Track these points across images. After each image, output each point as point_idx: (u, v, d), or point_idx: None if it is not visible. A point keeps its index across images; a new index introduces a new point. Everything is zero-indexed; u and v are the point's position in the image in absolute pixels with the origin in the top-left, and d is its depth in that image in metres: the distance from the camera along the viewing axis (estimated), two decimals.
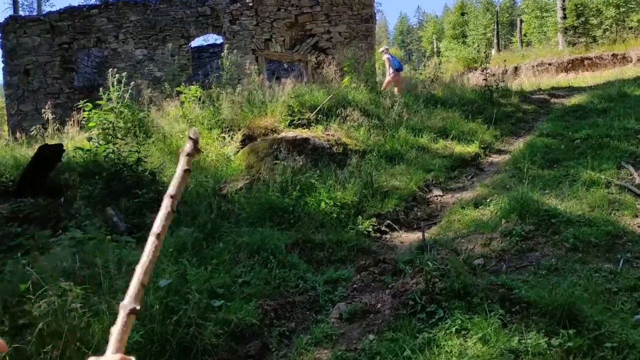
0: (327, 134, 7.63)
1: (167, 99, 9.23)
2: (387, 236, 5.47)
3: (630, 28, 27.15)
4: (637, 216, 5.02)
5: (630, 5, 27.70)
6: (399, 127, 8.37)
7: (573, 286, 3.49)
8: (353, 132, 8.06)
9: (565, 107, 11.04)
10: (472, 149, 8.26)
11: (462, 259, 3.85)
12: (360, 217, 5.64)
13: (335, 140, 7.44)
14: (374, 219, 5.65)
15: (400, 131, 8.30)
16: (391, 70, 12.39)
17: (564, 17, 28.05)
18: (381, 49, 13.96)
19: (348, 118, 8.16)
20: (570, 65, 26.26)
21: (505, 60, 26.82)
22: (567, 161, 6.91)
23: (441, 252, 3.92)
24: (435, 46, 36.44)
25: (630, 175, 6.25)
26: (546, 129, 8.74)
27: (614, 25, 27.45)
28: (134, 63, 18.96)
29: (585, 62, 25.89)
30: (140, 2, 19.14)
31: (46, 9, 32.64)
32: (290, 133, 7.59)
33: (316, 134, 7.62)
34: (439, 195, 6.52)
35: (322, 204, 5.52)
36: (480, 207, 5.63)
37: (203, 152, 7.78)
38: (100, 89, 8.53)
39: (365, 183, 6.30)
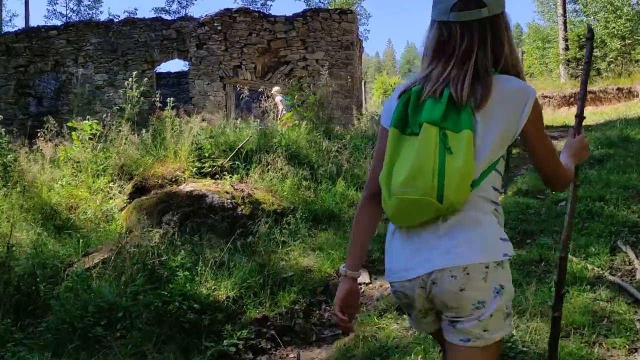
0: (237, 188, 5.90)
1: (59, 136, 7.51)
2: (264, 359, 3.68)
3: (637, 61, 25.51)
4: (635, 350, 3.22)
5: (637, 37, 26.12)
6: (338, 178, 6.63)
7: None
8: (277, 184, 6.33)
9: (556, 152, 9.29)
10: None
11: None
12: (230, 324, 3.85)
13: (243, 197, 5.70)
14: (253, 327, 3.88)
15: (338, 183, 6.55)
16: (284, 112, 11.00)
17: (566, 49, 26.49)
18: (273, 90, 12.44)
19: (271, 166, 6.44)
20: (572, 99, 24.60)
21: None
22: (545, 235, 5.12)
23: None
24: None
25: (629, 262, 4.46)
26: (526, 183, 6.95)
27: (619, 57, 25.83)
28: (94, 89, 17.40)
29: (588, 96, 24.22)
30: (102, 24, 17.67)
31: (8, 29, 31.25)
32: (189, 186, 5.87)
33: (223, 187, 5.89)
34: (364, 283, 4.73)
35: (172, 306, 3.74)
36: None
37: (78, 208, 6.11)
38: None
39: (261, 266, 4.55)
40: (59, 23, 22.76)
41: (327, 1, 40.07)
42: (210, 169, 6.39)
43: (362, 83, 34.23)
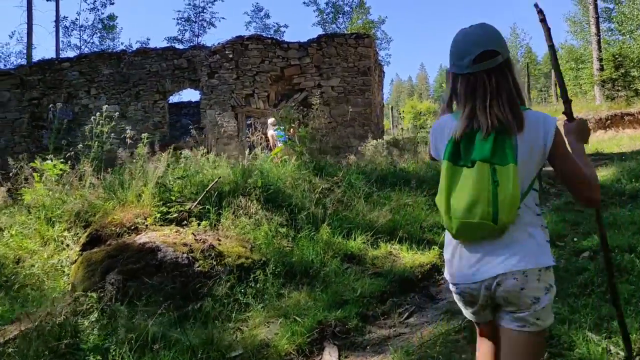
0: (198, 238, 5.12)
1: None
2: None
3: None
4: None
5: None
6: (322, 224, 5.78)
7: None
8: (250, 232, 5.53)
9: None
10: (427, 257, 5.57)
11: None
12: None
13: (203, 250, 4.91)
14: None
15: (323, 230, 5.70)
16: (279, 144, 10.48)
17: (601, 69, 25.19)
18: (269, 121, 11.79)
19: (244, 211, 5.65)
20: (609, 121, 23.25)
21: None
22: (560, 301, 4.16)
23: None
24: None
25: None
26: None
27: None
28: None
29: (626, 118, 22.82)
30: (115, 54, 17.40)
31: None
32: (146, 236, 5.12)
33: (185, 237, 5.12)
34: None
35: None
36: None
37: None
38: None
39: (204, 342, 3.73)
40: (72, 55, 22.76)
41: (345, 26, 39.49)
42: (176, 215, 5.64)
43: (389, 108, 33.12)
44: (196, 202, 5.69)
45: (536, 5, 2.24)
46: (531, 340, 1.88)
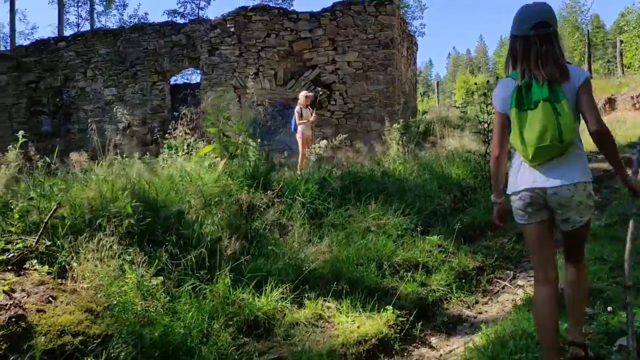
0: (6, 303, 3.34)
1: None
2: None
3: None
4: None
5: None
6: (224, 268, 3.88)
7: None
8: (109, 285, 3.69)
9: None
10: (375, 325, 3.55)
11: None
12: None
13: (4, 322, 3.13)
14: None
15: (221, 282, 3.80)
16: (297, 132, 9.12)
17: None
18: (300, 95, 9.96)
19: (98, 254, 3.82)
20: None
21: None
22: None
23: None
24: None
25: None
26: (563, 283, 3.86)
27: None
28: (103, 105, 15.63)
29: None
30: (111, 32, 15.83)
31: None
32: None
33: None
34: None
35: None
36: None
37: None
38: None
39: None
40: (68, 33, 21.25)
41: None
42: (16, 253, 3.89)
43: (435, 84, 30.27)
44: (38, 236, 3.90)
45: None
46: (582, 231, 2.67)
